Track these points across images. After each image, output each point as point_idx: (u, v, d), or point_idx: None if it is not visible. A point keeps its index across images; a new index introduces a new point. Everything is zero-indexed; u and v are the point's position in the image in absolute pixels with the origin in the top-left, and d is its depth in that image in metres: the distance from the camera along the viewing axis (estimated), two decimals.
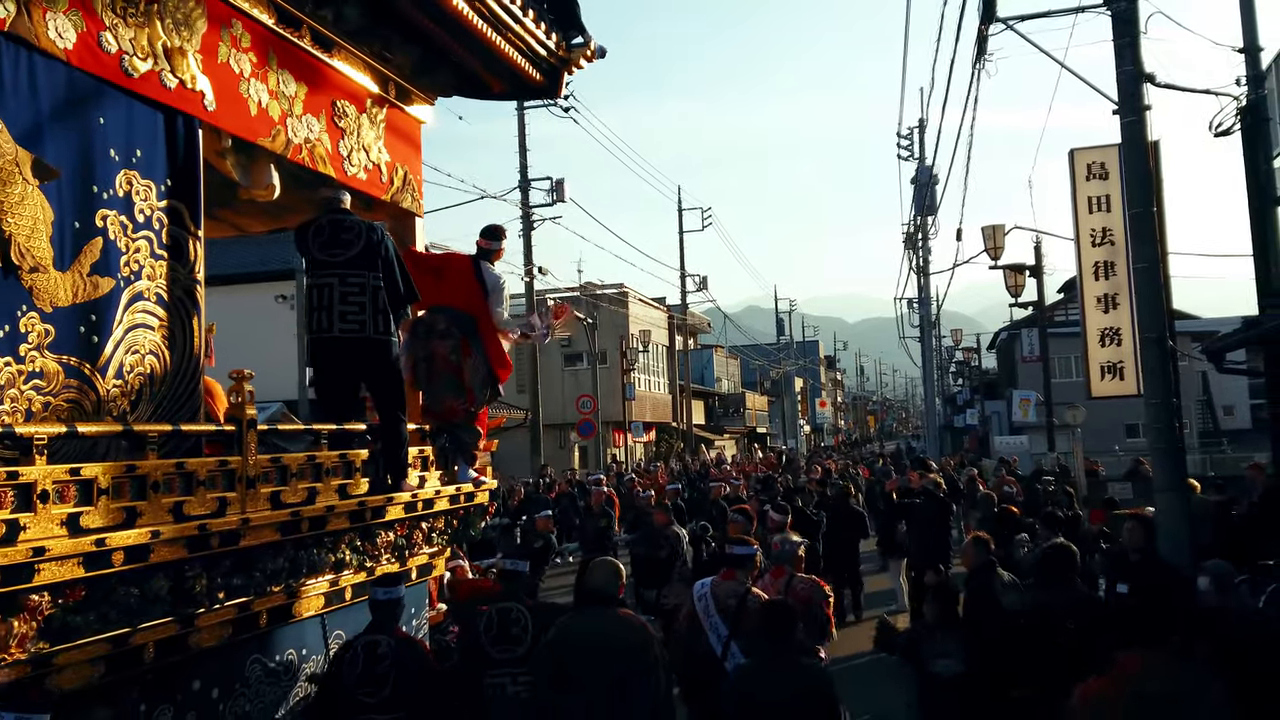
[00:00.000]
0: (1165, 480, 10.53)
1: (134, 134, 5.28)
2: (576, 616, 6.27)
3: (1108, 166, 15.78)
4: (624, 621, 6.06)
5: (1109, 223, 15.77)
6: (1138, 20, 10.82)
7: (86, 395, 4.94)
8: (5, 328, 4.50)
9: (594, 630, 5.96)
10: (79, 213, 4.92)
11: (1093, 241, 15.91)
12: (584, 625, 6.06)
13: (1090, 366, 16.14)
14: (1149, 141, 11.02)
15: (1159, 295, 10.99)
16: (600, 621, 6.01)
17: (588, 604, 6.30)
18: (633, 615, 6.29)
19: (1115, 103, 10.98)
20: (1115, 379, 15.95)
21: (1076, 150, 16.29)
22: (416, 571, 7.52)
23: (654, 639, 6.10)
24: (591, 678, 5.76)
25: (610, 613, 6.08)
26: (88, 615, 4.44)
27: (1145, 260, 10.84)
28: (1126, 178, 11.83)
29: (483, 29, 7.47)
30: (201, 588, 5.16)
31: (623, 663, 5.80)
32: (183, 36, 5.59)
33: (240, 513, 5.39)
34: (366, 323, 6.70)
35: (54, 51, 4.76)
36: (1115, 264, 15.70)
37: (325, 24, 6.93)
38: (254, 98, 6.20)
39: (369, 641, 5.81)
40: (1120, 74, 10.84)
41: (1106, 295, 15.89)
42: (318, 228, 6.79)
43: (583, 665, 5.80)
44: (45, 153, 4.70)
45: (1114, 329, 15.87)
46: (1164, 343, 10.74)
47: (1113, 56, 10.92)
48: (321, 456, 6.23)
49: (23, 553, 4.06)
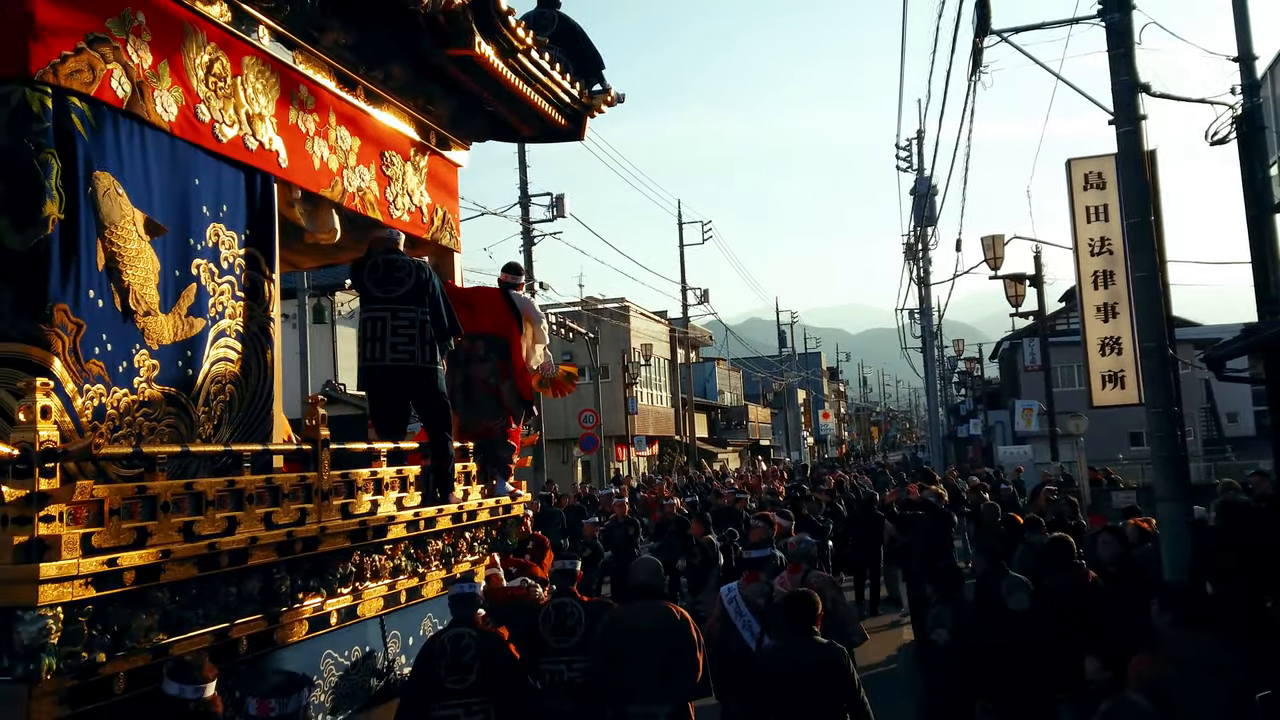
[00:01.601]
0: (1168, 489, 10.54)
1: (222, 191, 6.00)
2: (627, 607, 7.17)
3: (1105, 176, 15.85)
4: (666, 610, 6.96)
5: (1107, 232, 15.85)
6: (1132, 31, 10.89)
7: (183, 420, 5.63)
8: (124, 364, 5.20)
9: (641, 617, 6.87)
10: (179, 262, 5.63)
11: (1091, 251, 16.00)
12: (633, 614, 6.97)
13: (1091, 376, 16.20)
14: (1145, 151, 11.12)
15: (1158, 304, 11.06)
16: (646, 610, 6.92)
17: (635, 596, 7.16)
18: (673, 605, 7.16)
19: (1111, 113, 11.07)
20: (1116, 388, 15.99)
21: (1073, 160, 16.37)
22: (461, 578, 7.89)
23: (691, 624, 6.96)
24: (641, 657, 6.65)
25: (655, 603, 6.99)
26: (197, 610, 5.11)
27: (1144, 269, 10.91)
28: (1123, 187, 11.96)
29: (516, 83, 8.23)
30: (285, 588, 5.84)
31: (666, 644, 6.71)
32: (261, 104, 6.31)
33: (318, 522, 6.05)
34: (416, 352, 7.37)
35: (160, 124, 5.47)
36: (1114, 273, 15.75)
37: (376, 82, 7.65)
38: (317, 153, 6.92)
39: (455, 634, 6.44)
40: (1115, 84, 10.94)
41: (1106, 304, 15.95)
42: (373, 265, 7.47)
43: (633, 647, 6.70)
44: (154, 212, 5.42)
45: (1114, 338, 15.91)
46: (1164, 351, 10.81)
47: (1108, 67, 11.02)
48: (382, 472, 6.93)
49: (151, 555, 4.72)
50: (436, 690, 6.26)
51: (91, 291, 4.97)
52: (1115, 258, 15.64)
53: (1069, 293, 42.61)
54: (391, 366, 7.39)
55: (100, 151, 5.05)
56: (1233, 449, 42.36)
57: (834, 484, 24.47)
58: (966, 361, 71.24)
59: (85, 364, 4.92)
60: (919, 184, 40.90)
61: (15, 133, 4.71)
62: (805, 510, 16.21)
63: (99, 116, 5.05)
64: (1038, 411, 37.61)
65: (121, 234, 5.16)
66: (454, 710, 6.23)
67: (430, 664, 6.36)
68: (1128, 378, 15.65)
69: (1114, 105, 11.01)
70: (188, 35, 5.68)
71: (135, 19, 5.27)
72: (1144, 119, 11.07)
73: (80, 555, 4.33)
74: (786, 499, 19.68)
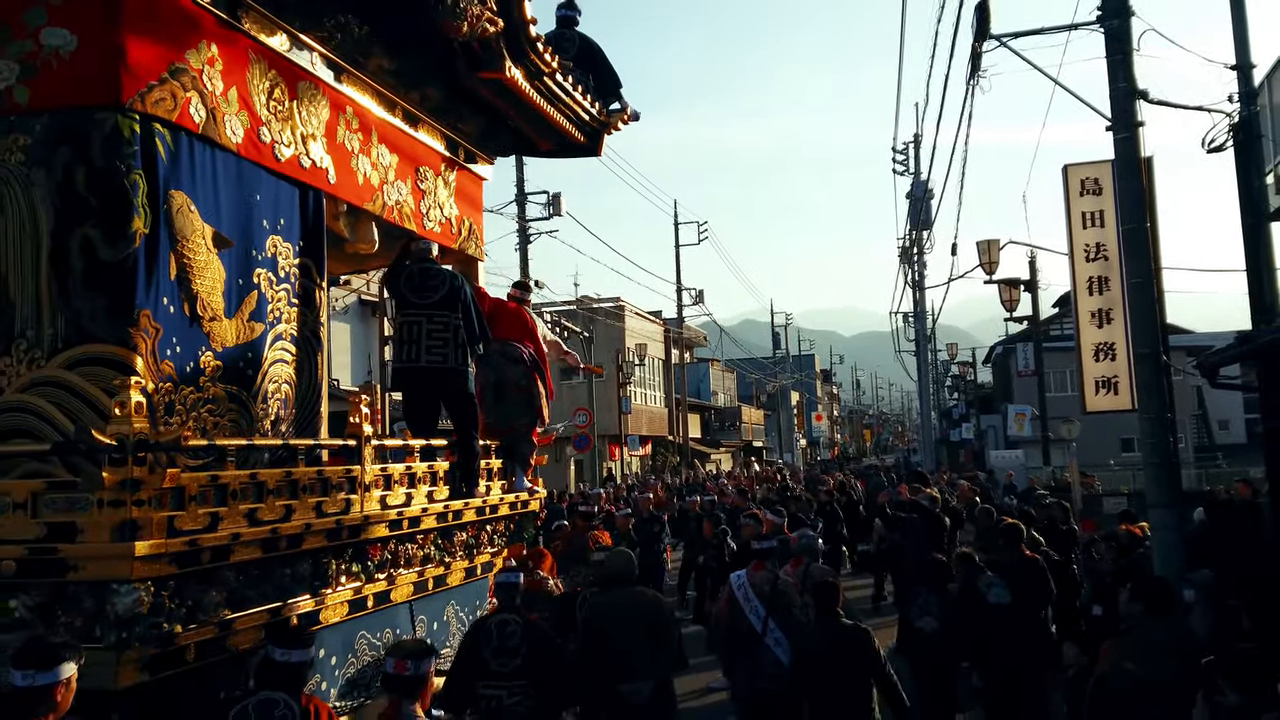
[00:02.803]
0: (1159, 495, 10.72)
1: (279, 206, 6.55)
2: (606, 595, 7.97)
3: (1101, 182, 15.83)
4: (641, 593, 7.94)
5: (1103, 238, 15.83)
6: (1130, 37, 11.00)
7: (243, 416, 6.17)
8: (191, 364, 5.73)
9: (621, 604, 7.71)
10: (241, 272, 6.17)
11: (1087, 257, 16.00)
12: (613, 601, 7.79)
13: (1085, 381, 16.12)
14: (1142, 157, 11.24)
15: (1152, 310, 11.18)
16: (625, 597, 7.78)
17: (611, 585, 7.96)
18: (645, 589, 8.16)
19: (1109, 119, 11.19)
20: (1110, 394, 15.92)
21: (1070, 166, 16.32)
22: (480, 569, 8.66)
23: (664, 604, 7.98)
24: (624, 639, 7.43)
25: (631, 590, 7.87)
26: (258, 589, 5.64)
27: (1139, 275, 11.05)
28: (1120, 193, 12.05)
29: (541, 104, 8.76)
30: (331, 572, 6.36)
31: (646, 626, 7.54)
32: (313, 125, 6.84)
33: (361, 511, 6.58)
34: (448, 355, 7.92)
35: (229, 146, 6.00)
36: (1109, 279, 15.76)
37: (413, 103, 8.20)
38: (361, 169, 7.47)
39: (502, 620, 7.00)
40: (1113, 90, 11.05)
41: (1100, 310, 15.92)
42: (409, 274, 8.01)
43: (617, 631, 7.49)
44: (221, 226, 5.96)
45: (1108, 344, 15.86)
46: (1157, 357, 10.96)
47: (1106, 73, 11.13)
48: (415, 467, 7.45)
49: (224, 538, 5.26)
50: (482, 671, 6.77)
51: (166, 299, 5.50)
52: (1110, 264, 15.66)
53: (1063, 298, 42.67)
54: (426, 368, 7.92)
55: (177, 172, 5.57)
56: (1224, 456, 42.30)
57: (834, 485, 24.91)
58: (960, 365, 71.47)
59: (160, 364, 5.44)
60: (915, 188, 40.89)
61: (109, 155, 5.23)
62: (794, 509, 16.71)
63: (177, 140, 5.57)
64: (1030, 416, 37.78)
65: (192, 246, 5.69)
66: (497, 691, 6.75)
67: (477, 646, 6.89)
68: (1121, 383, 15.61)
69: (1112, 111, 11.13)
70: (252, 63, 6.20)
71: (209, 50, 5.79)
72: (1141, 125, 11.21)
73: (166, 536, 4.85)
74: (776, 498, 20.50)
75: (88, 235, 5.23)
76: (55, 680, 4.06)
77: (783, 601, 8.21)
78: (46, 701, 4.05)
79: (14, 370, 5.28)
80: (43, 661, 4.06)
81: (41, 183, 5.29)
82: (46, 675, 4.03)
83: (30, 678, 3.99)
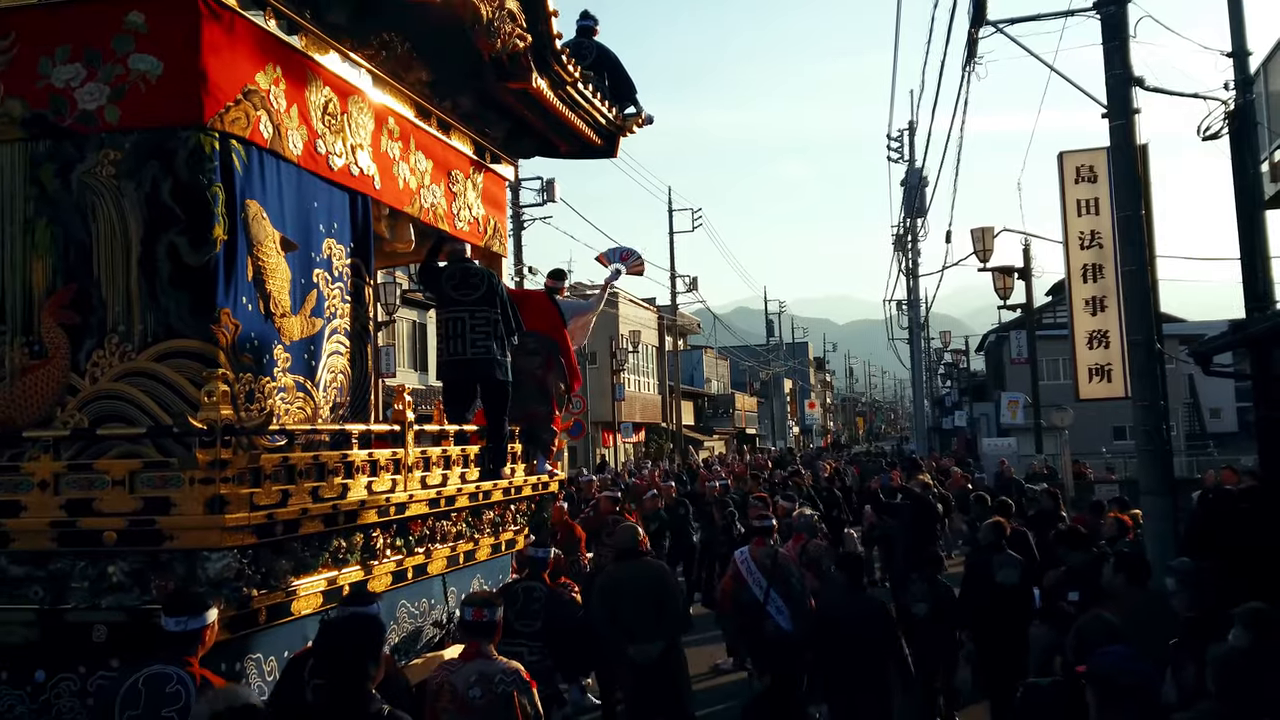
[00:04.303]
0: (1152, 483, 10.83)
1: (333, 212, 7.17)
2: (618, 566, 8.93)
3: (1096, 170, 15.84)
4: (648, 564, 8.98)
5: (1097, 225, 15.83)
6: (1127, 24, 11.03)
7: (307, 403, 6.81)
8: (265, 356, 6.35)
9: (632, 574, 8.68)
10: (303, 272, 6.79)
11: (1081, 244, 16.03)
12: (625, 571, 8.77)
13: (1078, 369, 16.20)
14: (1138, 145, 11.30)
15: (1147, 298, 11.24)
16: (635, 567, 8.76)
17: (623, 558, 8.94)
18: (653, 560, 9.25)
19: (1104, 106, 11.21)
20: (1103, 381, 15.97)
21: (1065, 153, 16.38)
22: (504, 545, 9.25)
23: (669, 573, 9.05)
24: (636, 605, 8.38)
25: (640, 561, 8.87)
26: (318, 559, 6.28)
27: (1133, 263, 11.12)
28: (1115, 181, 12.01)
29: (563, 110, 9.36)
30: (379, 546, 7.00)
31: (655, 593, 8.51)
32: (361, 136, 7.44)
33: (405, 490, 7.20)
34: (490, 347, 8.55)
35: (291, 158, 6.61)
36: (1103, 267, 15.75)
37: (446, 112, 8.81)
38: (401, 175, 8.07)
39: (528, 586, 7.90)
40: (1109, 77, 11.10)
41: (1094, 298, 15.95)
42: (450, 273, 8.66)
43: (629, 597, 8.43)
44: (286, 231, 6.57)
45: (1102, 331, 15.90)
46: (1151, 345, 11.01)
47: (1102, 60, 11.16)
48: (450, 450, 8.07)
49: (294, 512, 5.88)
50: (507, 630, 7.37)
51: (244, 298, 6.12)
52: (1105, 251, 15.68)
53: (1056, 286, 42.58)
54: (471, 360, 8.56)
55: (250, 183, 6.18)
56: (1215, 444, 42.77)
57: (830, 471, 25.34)
58: (953, 353, 71.98)
59: (240, 357, 6.06)
60: (910, 175, 41.03)
61: (192, 170, 5.84)
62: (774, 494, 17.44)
63: (250, 154, 6.18)
64: (1023, 404, 37.78)
65: (265, 250, 6.32)
66: (518, 648, 7.52)
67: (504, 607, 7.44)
68: (1114, 371, 15.68)
69: (1108, 98, 11.16)
70: (310, 81, 6.80)
71: (275, 71, 6.38)
72: (1137, 112, 11.25)
73: (249, 510, 5.47)
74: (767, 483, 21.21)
75: (174, 242, 5.84)
76: (204, 624, 4.84)
77: (782, 574, 9.16)
78: (198, 641, 4.84)
79: (107, 362, 5.89)
80: (193, 608, 4.84)
81: (131, 194, 5.89)
82: (197, 620, 4.82)
83: (182, 623, 4.75)
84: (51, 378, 5.92)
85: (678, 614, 8.76)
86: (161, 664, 4.75)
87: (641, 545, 9.23)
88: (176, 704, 4.62)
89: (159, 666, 4.74)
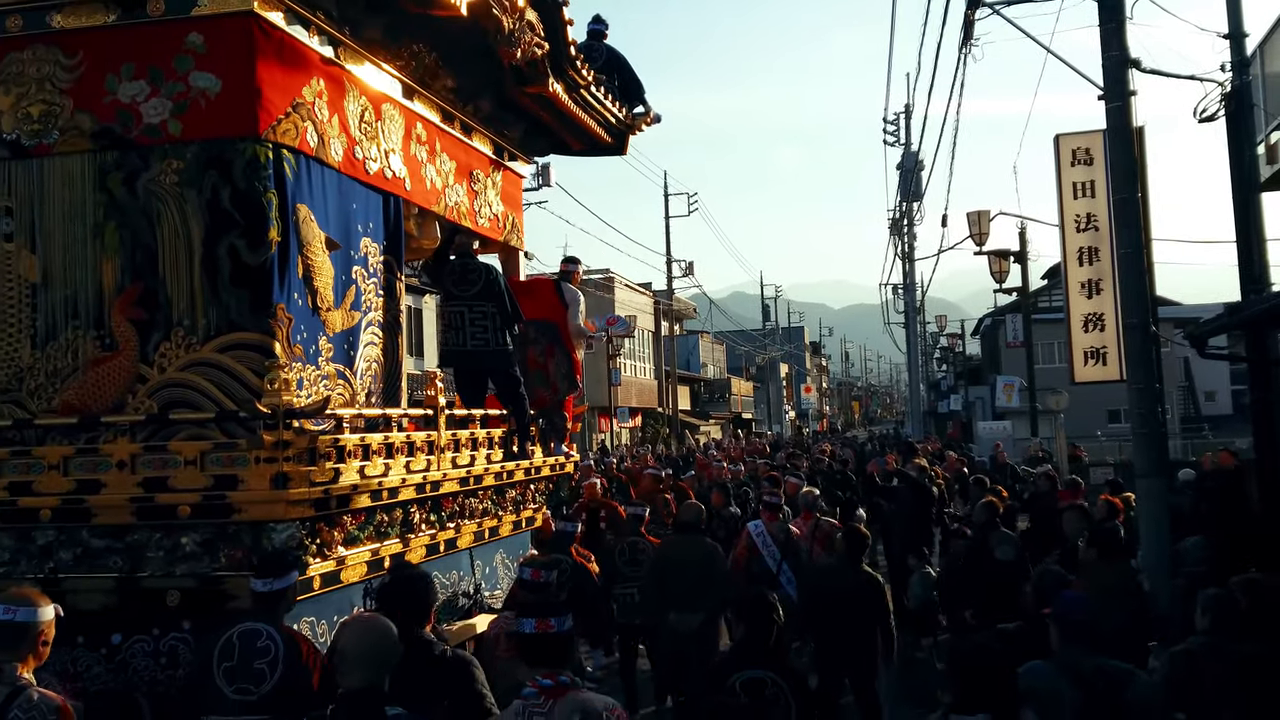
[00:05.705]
0: (1147, 465, 10.83)
1: (369, 212, 7.72)
2: (673, 540, 9.69)
3: (1092, 152, 16.10)
4: (703, 541, 9.52)
5: (1093, 208, 16.09)
6: (1124, 6, 10.98)
7: (346, 389, 7.36)
8: (313, 347, 6.92)
9: (683, 549, 9.34)
10: (344, 269, 7.34)
11: (1077, 227, 16.30)
12: (677, 546, 9.47)
13: (1074, 352, 16.53)
14: (1134, 127, 11.24)
15: (1142, 281, 11.26)
16: (687, 543, 9.40)
17: (681, 531, 9.72)
18: (705, 539, 9.76)
19: (1101, 88, 11.16)
20: (1098, 364, 16.32)
21: (1062, 136, 16.57)
22: (524, 522, 9.82)
23: (718, 552, 9.57)
24: (682, 578, 9.01)
25: (695, 537, 9.49)
26: (363, 532, 6.87)
27: (1129, 246, 11.07)
28: (1111, 163, 11.98)
29: (577, 112, 9.92)
30: (415, 521, 7.58)
31: (701, 569, 9.09)
32: (392, 141, 7.98)
33: (439, 470, 7.79)
34: (490, 339, 9.05)
35: (333, 164, 7.15)
36: (1099, 249, 15.97)
37: (468, 115, 9.35)
38: (428, 176, 8.62)
39: (555, 558, 8.48)
40: (1106, 59, 11.00)
41: (1090, 281, 16.22)
42: (450, 268, 9.20)
43: (676, 571, 9.08)
44: (330, 231, 7.13)
45: (1097, 314, 16.18)
46: (1147, 328, 11.01)
47: (1099, 42, 11.03)
48: (477, 433, 8.70)
49: (346, 488, 6.48)
50: None
51: (296, 294, 6.69)
52: (1101, 234, 15.87)
53: (1052, 270, 42.27)
54: (470, 350, 9.08)
55: (299, 189, 6.74)
56: (1210, 427, 43.02)
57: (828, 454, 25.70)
58: (949, 337, 72.31)
59: (292, 348, 6.63)
60: (906, 159, 41.53)
61: (249, 178, 6.40)
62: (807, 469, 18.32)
63: (299, 162, 6.73)
64: (1019, 387, 38.00)
65: (313, 250, 6.89)
66: None
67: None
68: (1110, 354, 15.96)
69: (1104, 80, 11.11)
70: (348, 92, 7.34)
71: (318, 84, 6.93)
72: (1134, 95, 11.22)
73: (308, 486, 6.05)
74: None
75: (234, 244, 6.41)
76: (289, 584, 5.43)
77: (794, 547, 9.94)
78: (283, 600, 5.43)
79: (174, 353, 6.46)
80: (280, 570, 5.42)
81: (193, 200, 6.45)
82: (282, 581, 5.39)
83: (269, 584, 5.33)
84: (122, 368, 6.49)
85: (720, 591, 9.15)
86: (252, 620, 5.32)
87: (702, 523, 10.11)
88: (266, 656, 5.17)
89: (250, 623, 5.30)
